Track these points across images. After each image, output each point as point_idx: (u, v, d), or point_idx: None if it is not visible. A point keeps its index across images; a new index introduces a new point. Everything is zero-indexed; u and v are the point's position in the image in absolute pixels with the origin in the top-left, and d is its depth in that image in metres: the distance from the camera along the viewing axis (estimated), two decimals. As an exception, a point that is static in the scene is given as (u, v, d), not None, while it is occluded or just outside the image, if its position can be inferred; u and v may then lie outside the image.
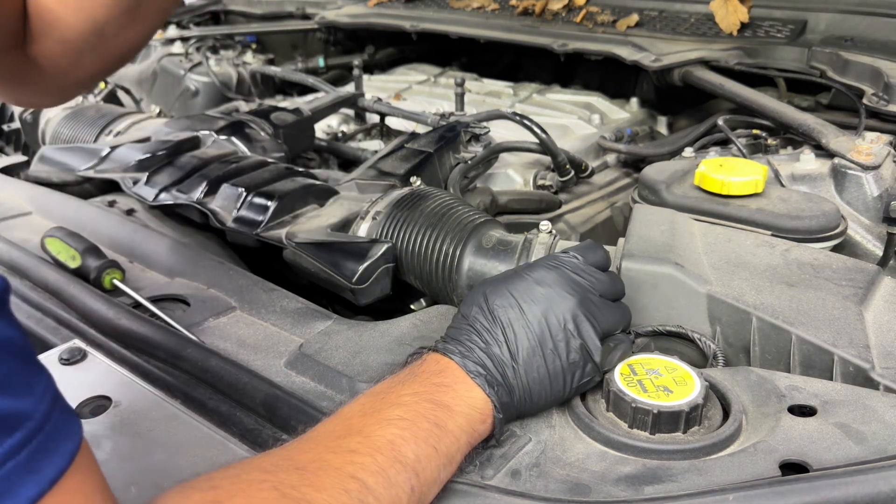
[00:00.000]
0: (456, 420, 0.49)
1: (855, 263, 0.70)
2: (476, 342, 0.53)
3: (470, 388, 0.51)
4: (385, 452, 0.44)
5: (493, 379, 0.51)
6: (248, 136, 1.11)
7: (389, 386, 0.51)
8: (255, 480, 0.40)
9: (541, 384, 0.52)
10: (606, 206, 1.12)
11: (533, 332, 0.53)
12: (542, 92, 1.51)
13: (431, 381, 0.50)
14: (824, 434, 0.49)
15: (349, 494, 0.41)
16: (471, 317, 0.54)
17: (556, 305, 0.54)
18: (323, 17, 1.77)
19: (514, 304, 0.54)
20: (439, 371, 0.52)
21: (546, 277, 0.55)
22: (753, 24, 1.39)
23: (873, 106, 1.04)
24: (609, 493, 0.47)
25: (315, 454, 0.44)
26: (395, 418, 0.47)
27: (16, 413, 0.31)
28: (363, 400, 0.50)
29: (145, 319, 0.66)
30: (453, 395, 0.50)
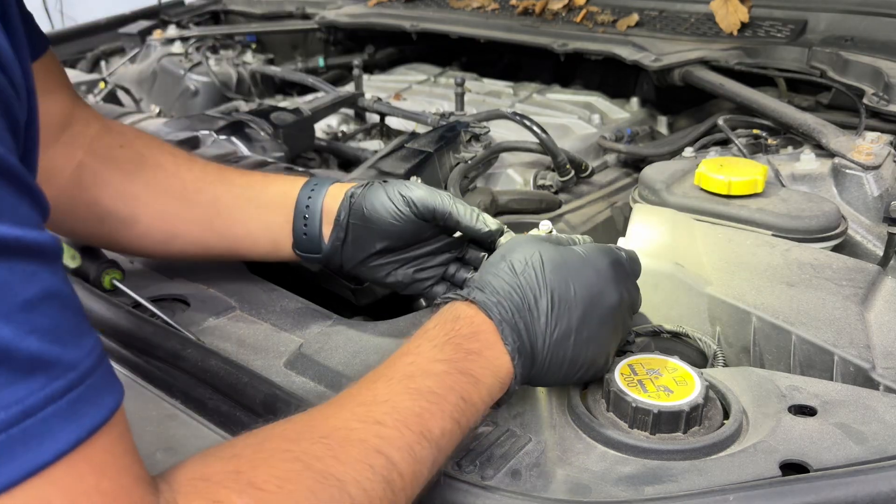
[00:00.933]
0: (481, 392, 0.47)
1: (855, 263, 0.70)
2: (517, 304, 0.50)
3: (499, 355, 0.49)
4: (413, 427, 0.43)
5: (524, 348, 0.50)
6: (247, 135, 1.11)
7: (419, 348, 0.48)
8: (277, 450, 0.39)
9: (559, 367, 0.51)
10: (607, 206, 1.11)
11: (575, 315, 0.51)
12: (542, 92, 1.51)
13: (464, 348, 0.48)
14: (825, 434, 0.49)
15: (373, 470, 0.40)
16: (522, 273, 0.51)
17: (602, 299, 0.52)
18: (323, 16, 1.77)
19: (569, 281, 0.51)
20: (472, 334, 0.49)
21: (603, 267, 0.54)
22: (754, 24, 1.39)
23: (874, 106, 1.03)
24: (609, 494, 0.47)
25: (340, 421, 0.42)
26: (425, 390, 0.45)
27: (63, 361, 0.32)
28: (392, 362, 0.48)
29: (145, 319, 0.66)
30: (482, 363, 0.48)
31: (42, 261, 0.33)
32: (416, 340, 0.49)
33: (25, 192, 0.33)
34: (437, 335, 0.49)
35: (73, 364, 0.32)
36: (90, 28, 1.79)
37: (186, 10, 1.95)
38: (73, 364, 0.32)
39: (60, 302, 0.33)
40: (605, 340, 0.53)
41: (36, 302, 0.31)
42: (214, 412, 0.58)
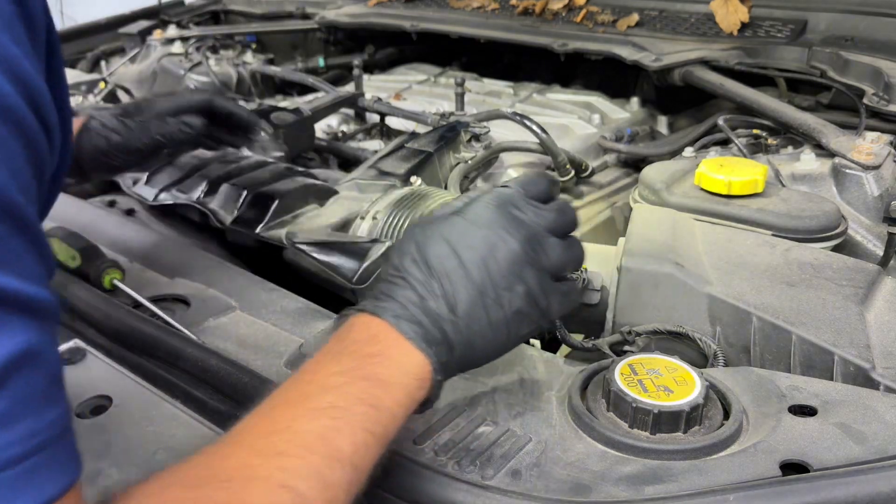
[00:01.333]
0: (393, 395, 0.44)
1: (855, 263, 0.70)
2: (410, 297, 0.47)
3: (406, 352, 0.46)
4: (318, 451, 0.40)
5: (432, 337, 0.46)
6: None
7: (316, 364, 0.45)
8: (178, 500, 0.36)
9: (483, 336, 0.48)
10: (607, 206, 1.12)
11: (473, 281, 0.47)
12: (543, 92, 1.51)
13: (363, 353, 0.45)
14: (825, 434, 0.49)
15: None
16: (403, 269, 0.49)
17: (496, 249, 0.48)
18: (323, 16, 1.77)
19: (450, 252, 0.48)
20: (370, 338, 0.46)
21: (484, 217, 0.49)
22: (754, 24, 1.39)
23: (874, 106, 1.03)
24: (609, 493, 0.46)
25: (240, 459, 0.39)
26: (326, 406, 0.42)
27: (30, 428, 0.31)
28: (289, 385, 0.44)
29: (145, 319, 0.66)
30: (388, 364, 0.45)
31: (33, 318, 0.32)
32: (313, 360, 0.46)
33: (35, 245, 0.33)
34: (333, 347, 0.47)
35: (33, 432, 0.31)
36: (90, 28, 1.79)
37: (186, 9, 1.95)
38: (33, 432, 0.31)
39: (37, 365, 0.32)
40: (524, 288, 0.49)
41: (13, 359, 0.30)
42: (214, 412, 0.58)
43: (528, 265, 0.49)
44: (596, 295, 0.72)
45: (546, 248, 0.51)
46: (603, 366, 0.58)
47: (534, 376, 0.59)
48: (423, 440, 0.52)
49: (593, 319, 0.73)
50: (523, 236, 0.50)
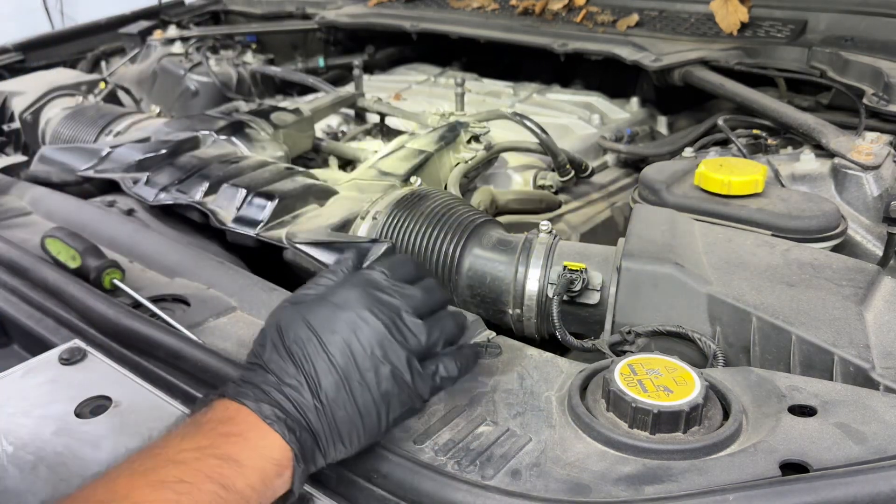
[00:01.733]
0: (247, 477, 0.42)
1: (855, 263, 0.70)
2: (272, 383, 0.46)
3: (264, 435, 0.44)
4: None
5: (294, 423, 0.45)
6: (247, 135, 1.11)
7: (167, 440, 0.43)
8: None
9: (351, 423, 0.47)
10: (606, 206, 1.12)
11: (336, 365, 0.47)
12: (543, 92, 1.51)
13: (218, 432, 0.44)
14: (824, 434, 0.49)
15: None
16: (265, 356, 0.48)
17: (360, 331, 0.48)
18: (323, 17, 1.77)
19: (311, 336, 0.47)
20: (228, 418, 0.45)
21: (348, 300, 0.49)
22: (753, 24, 1.39)
23: (873, 106, 1.04)
24: (609, 493, 0.46)
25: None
26: (171, 480, 0.40)
27: None
28: (135, 458, 0.42)
29: (145, 319, 0.66)
30: (244, 445, 0.43)
31: None
32: (164, 437, 0.44)
33: None
34: (188, 428, 0.45)
35: None
36: (90, 28, 1.79)
37: (186, 10, 1.95)
38: None
39: None
40: (389, 369, 0.48)
41: None
42: (214, 412, 0.58)
43: (393, 346, 0.49)
44: (596, 295, 0.72)
45: (411, 328, 0.50)
46: (602, 366, 0.58)
47: (534, 376, 0.60)
48: (423, 440, 0.52)
49: (593, 319, 0.73)
50: (387, 317, 0.49)
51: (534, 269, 0.74)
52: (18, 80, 1.50)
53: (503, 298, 0.76)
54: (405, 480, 0.48)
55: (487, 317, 0.75)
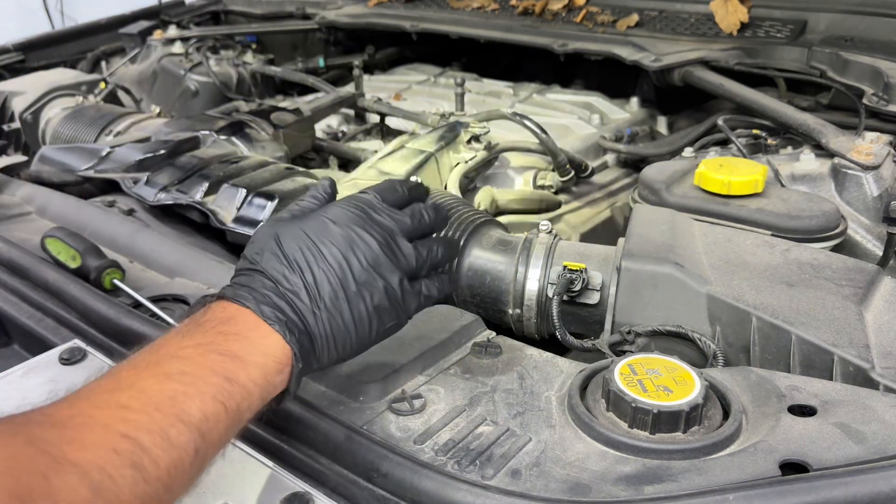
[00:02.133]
0: (249, 372, 0.43)
1: (855, 263, 0.70)
2: (270, 287, 0.47)
3: (265, 335, 0.45)
4: (164, 410, 0.38)
5: (294, 325, 0.46)
6: (247, 135, 1.11)
7: (167, 339, 0.44)
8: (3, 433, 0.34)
9: (345, 330, 0.49)
10: (606, 206, 1.12)
11: (335, 274, 0.48)
12: (542, 92, 1.51)
13: (218, 330, 0.44)
14: (824, 434, 0.49)
15: (119, 455, 0.35)
16: (262, 262, 0.49)
17: (356, 246, 0.50)
18: (323, 17, 1.77)
19: (311, 245, 0.49)
20: (228, 318, 0.45)
21: (343, 217, 0.51)
22: (753, 24, 1.39)
23: (873, 106, 1.04)
24: (609, 493, 0.46)
25: (75, 409, 0.37)
26: (175, 372, 0.40)
27: None
28: (135, 356, 0.42)
29: (146, 319, 0.66)
30: (245, 343, 0.44)
31: None
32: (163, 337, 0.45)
33: None
34: (188, 327, 0.45)
35: None
36: (90, 28, 1.79)
37: (187, 10, 1.95)
38: None
39: None
40: (383, 284, 0.50)
41: None
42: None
43: (387, 264, 0.51)
44: (596, 295, 0.72)
45: (402, 250, 0.53)
46: (602, 366, 0.58)
47: (534, 376, 0.60)
48: (423, 440, 0.52)
49: (593, 319, 0.73)
50: (381, 237, 0.51)
51: (534, 269, 0.74)
52: (18, 80, 1.50)
53: (503, 298, 0.76)
54: (405, 480, 0.48)
55: (487, 317, 0.75)
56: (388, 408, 0.56)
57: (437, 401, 0.56)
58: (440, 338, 0.63)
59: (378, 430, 0.53)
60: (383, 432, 0.53)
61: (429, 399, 0.57)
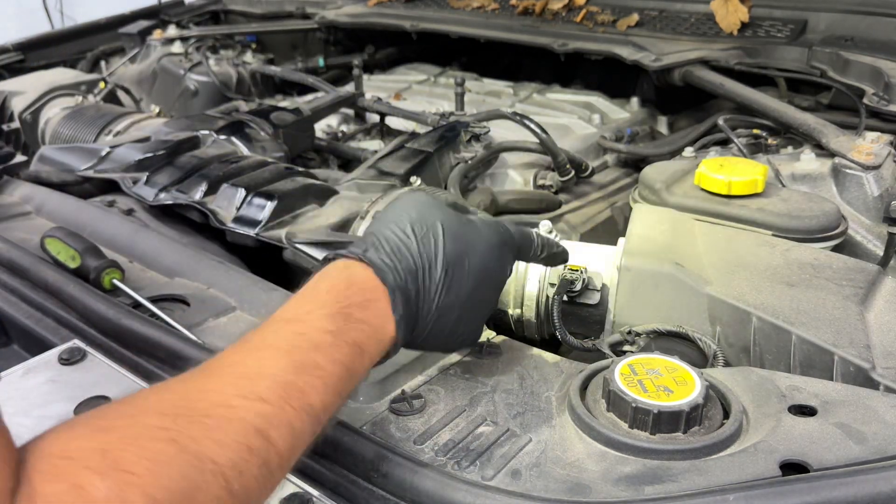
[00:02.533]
0: (364, 362, 0.46)
1: (856, 263, 0.70)
2: (412, 269, 0.49)
3: (385, 322, 0.48)
4: (295, 403, 0.41)
5: (409, 314, 0.49)
6: (247, 135, 1.11)
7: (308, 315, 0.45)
8: (151, 427, 0.35)
9: (439, 334, 0.52)
10: (607, 206, 1.11)
11: (465, 287, 0.51)
12: (543, 92, 1.51)
13: (355, 318, 0.46)
14: (825, 434, 0.49)
15: (251, 451, 0.37)
16: (423, 239, 0.50)
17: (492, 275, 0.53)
18: (323, 16, 1.77)
19: (465, 253, 0.51)
20: (365, 302, 0.47)
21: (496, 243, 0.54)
22: (754, 24, 1.39)
23: (874, 106, 1.03)
24: (609, 493, 0.46)
25: (221, 396, 0.39)
26: (311, 365, 0.43)
27: None
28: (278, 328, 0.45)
29: (145, 319, 0.66)
30: (369, 333, 0.47)
31: None
32: (304, 304, 0.47)
33: None
34: (328, 301, 0.47)
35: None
36: (90, 28, 1.79)
37: (186, 9, 1.95)
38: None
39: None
40: (485, 313, 0.55)
41: None
42: (214, 412, 0.58)
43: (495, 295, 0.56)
44: (596, 295, 0.72)
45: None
46: (603, 366, 0.58)
47: (534, 376, 0.59)
48: (423, 440, 0.52)
49: (593, 319, 0.73)
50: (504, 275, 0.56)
51: (534, 269, 0.74)
52: (18, 80, 1.49)
53: (503, 299, 0.76)
54: (405, 480, 0.48)
55: (487, 317, 0.75)
56: (388, 408, 0.56)
57: (437, 401, 0.56)
58: (440, 338, 0.63)
59: (378, 430, 0.53)
60: (383, 432, 0.53)
61: (429, 399, 0.56)
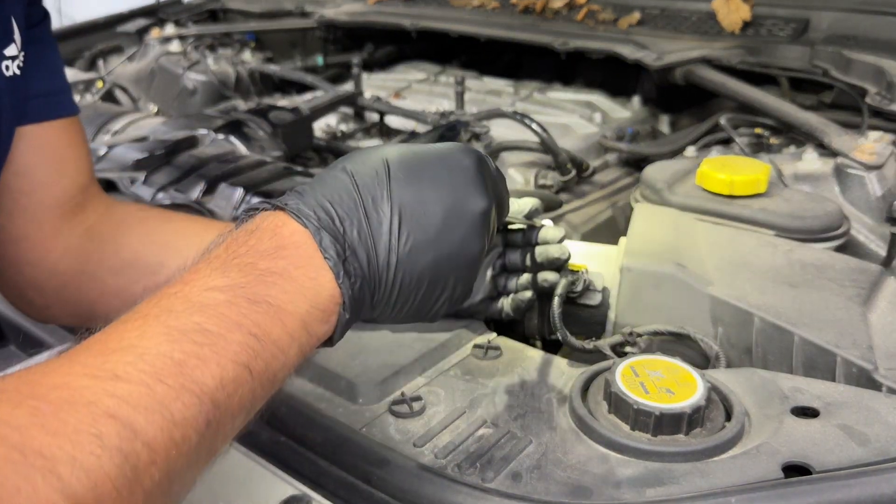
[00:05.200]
0: (286, 325, 0.35)
1: (858, 264, 0.70)
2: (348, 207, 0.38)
3: (316, 275, 0.36)
4: (169, 380, 0.31)
5: (356, 267, 0.37)
6: (246, 134, 1.10)
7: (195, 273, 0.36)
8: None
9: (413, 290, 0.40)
10: (608, 206, 1.11)
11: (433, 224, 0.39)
12: (543, 90, 1.50)
13: (259, 268, 0.36)
14: (827, 436, 0.49)
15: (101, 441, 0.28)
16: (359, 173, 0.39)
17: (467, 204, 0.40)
18: (322, 15, 1.76)
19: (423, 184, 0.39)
20: (276, 248, 0.36)
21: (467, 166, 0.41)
22: (756, 23, 1.39)
23: (876, 105, 1.03)
24: (611, 496, 0.46)
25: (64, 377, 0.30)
26: (191, 328, 0.32)
27: None
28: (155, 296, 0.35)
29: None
30: (289, 287, 0.36)
31: None
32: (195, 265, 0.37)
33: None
34: (220, 254, 0.36)
35: None
36: (88, 26, 1.79)
37: (185, 8, 1.95)
38: None
39: None
40: (474, 255, 0.42)
41: None
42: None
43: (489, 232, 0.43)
44: (597, 296, 0.71)
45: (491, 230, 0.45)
46: (604, 367, 0.58)
47: (534, 378, 0.59)
48: (422, 442, 0.52)
49: (594, 320, 0.73)
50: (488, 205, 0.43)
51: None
52: (16, 79, 1.49)
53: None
54: (405, 483, 0.48)
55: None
56: (388, 410, 0.55)
57: (436, 403, 0.56)
58: (440, 339, 0.63)
59: (377, 432, 0.53)
60: (383, 434, 0.53)
61: (429, 401, 0.56)
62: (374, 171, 0.40)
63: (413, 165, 0.41)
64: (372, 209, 0.39)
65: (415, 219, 0.39)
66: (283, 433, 0.55)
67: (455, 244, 0.41)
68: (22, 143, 0.59)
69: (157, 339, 0.32)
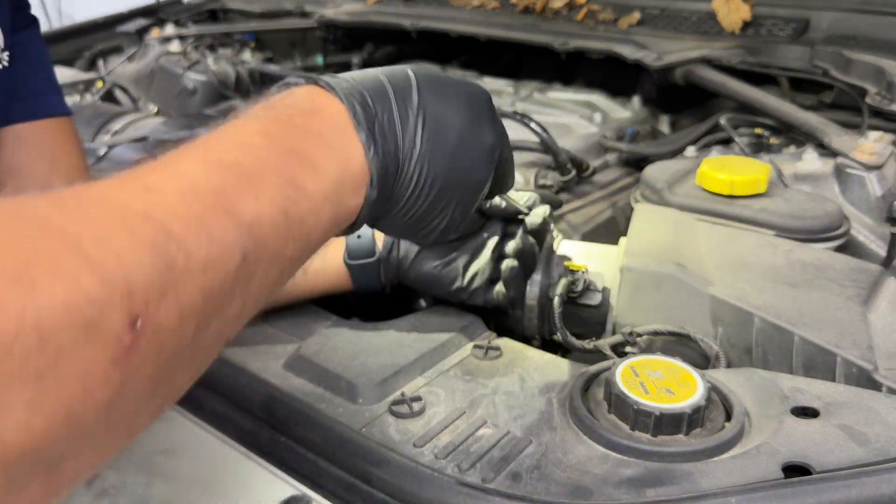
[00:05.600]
0: (320, 182, 0.34)
1: (858, 264, 0.70)
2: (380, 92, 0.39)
3: (348, 141, 0.37)
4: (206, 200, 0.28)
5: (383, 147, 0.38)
6: (247, 134, 1.10)
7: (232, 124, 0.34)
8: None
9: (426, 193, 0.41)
10: (608, 206, 1.11)
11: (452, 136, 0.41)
12: (543, 90, 1.50)
13: (296, 122, 0.35)
14: (827, 436, 0.49)
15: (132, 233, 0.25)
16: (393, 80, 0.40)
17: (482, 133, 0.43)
18: (322, 15, 1.76)
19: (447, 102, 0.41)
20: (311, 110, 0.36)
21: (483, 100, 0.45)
22: (756, 23, 1.39)
23: (877, 105, 1.03)
24: (611, 496, 0.46)
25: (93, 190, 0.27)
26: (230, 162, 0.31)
27: None
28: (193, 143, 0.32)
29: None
30: (323, 146, 0.35)
31: None
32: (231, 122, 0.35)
33: None
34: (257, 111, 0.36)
35: None
36: (88, 26, 1.79)
37: (185, 8, 1.95)
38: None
39: None
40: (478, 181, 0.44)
41: None
42: (212, 414, 0.58)
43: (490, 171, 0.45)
44: (597, 296, 0.71)
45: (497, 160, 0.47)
46: (604, 367, 0.58)
47: (534, 378, 0.59)
48: (422, 442, 0.52)
49: (594, 320, 0.73)
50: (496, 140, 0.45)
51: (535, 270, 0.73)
52: (16, 79, 1.49)
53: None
54: (404, 483, 0.48)
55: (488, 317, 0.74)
56: (388, 410, 0.55)
57: (436, 403, 0.56)
58: (440, 339, 0.63)
59: (377, 432, 0.53)
60: (382, 435, 0.53)
61: (428, 401, 0.56)
62: (406, 77, 0.42)
63: (438, 84, 0.43)
64: (402, 104, 0.40)
65: (436, 128, 0.41)
66: (283, 433, 0.55)
67: (466, 165, 0.42)
68: (13, 143, 0.60)
69: (194, 166, 0.30)
